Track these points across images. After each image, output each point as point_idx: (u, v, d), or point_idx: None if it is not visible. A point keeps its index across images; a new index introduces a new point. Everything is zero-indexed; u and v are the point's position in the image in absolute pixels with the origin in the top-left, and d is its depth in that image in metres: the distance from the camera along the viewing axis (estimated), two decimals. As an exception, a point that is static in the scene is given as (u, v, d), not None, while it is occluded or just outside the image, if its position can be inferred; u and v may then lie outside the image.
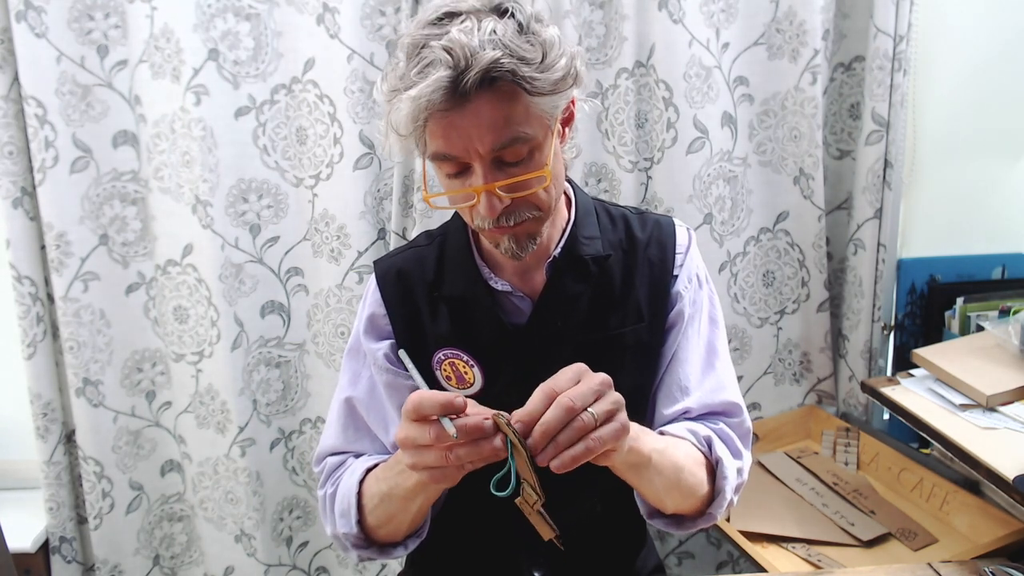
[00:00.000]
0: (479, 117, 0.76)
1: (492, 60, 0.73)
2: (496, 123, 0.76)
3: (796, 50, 1.48)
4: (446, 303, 0.93)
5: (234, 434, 1.55)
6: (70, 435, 1.56)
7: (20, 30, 1.37)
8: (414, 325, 0.95)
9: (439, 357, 0.93)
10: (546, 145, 0.81)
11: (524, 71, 0.75)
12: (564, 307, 0.91)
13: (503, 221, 0.82)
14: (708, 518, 0.92)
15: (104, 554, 1.60)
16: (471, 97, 0.75)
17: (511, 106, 0.76)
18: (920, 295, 1.61)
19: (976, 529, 1.25)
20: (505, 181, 0.79)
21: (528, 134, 0.78)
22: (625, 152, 1.49)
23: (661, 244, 0.95)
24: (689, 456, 0.87)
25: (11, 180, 1.42)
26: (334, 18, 1.41)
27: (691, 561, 1.70)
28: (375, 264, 0.99)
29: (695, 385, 0.94)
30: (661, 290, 0.94)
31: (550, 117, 0.80)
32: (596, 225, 0.94)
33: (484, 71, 0.73)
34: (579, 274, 0.92)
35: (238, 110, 1.45)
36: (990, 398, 1.27)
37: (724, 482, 0.89)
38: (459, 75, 0.73)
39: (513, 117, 0.77)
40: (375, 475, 0.89)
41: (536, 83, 0.76)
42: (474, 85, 0.74)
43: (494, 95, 0.75)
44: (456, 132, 0.77)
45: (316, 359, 1.59)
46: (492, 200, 0.79)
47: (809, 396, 1.67)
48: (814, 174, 1.53)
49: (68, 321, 1.49)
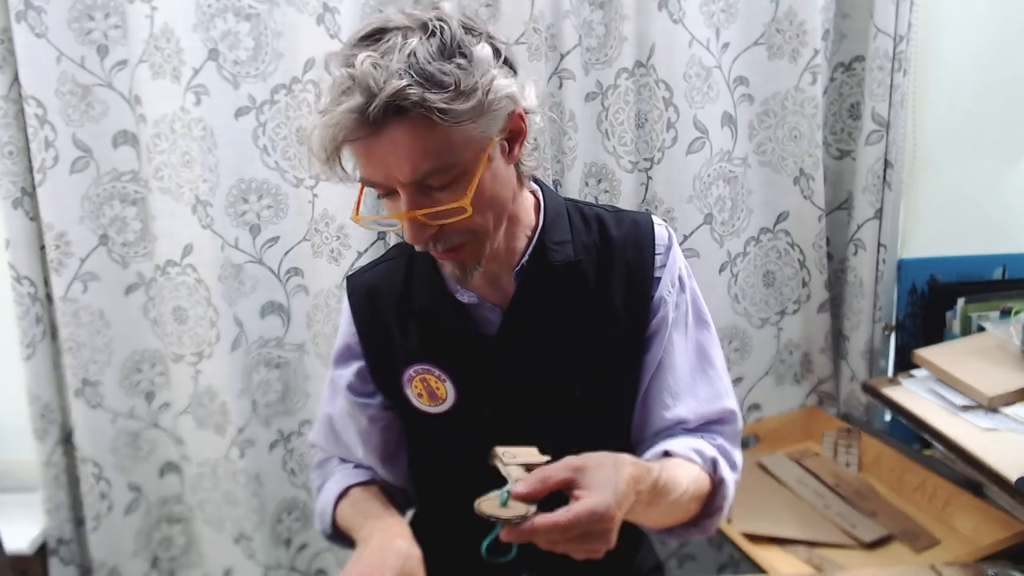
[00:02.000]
0: (395, 146, 0.73)
1: (396, 90, 0.70)
2: (412, 153, 0.73)
3: (796, 50, 1.48)
4: (415, 317, 0.92)
5: (233, 435, 1.55)
6: (68, 436, 1.56)
7: (20, 30, 1.37)
8: (385, 342, 0.94)
9: (409, 374, 0.92)
10: (476, 170, 0.76)
11: (433, 100, 0.70)
12: (535, 315, 0.89)
13: (435, 247, 0.80)
14: (701, 529, 0.90)
15: (102, 556, 1.59)
16: (384, 125, 0.72)
17: (427, 135, 0.72)
18: (921, 295, 1.61)
19: (978, 531, 1.25)
20: (427, 210, 0.76)
21: (449, 163, 0.74)
22: (625, 152, 1.49)
23: (639, 244, 0.91)
24: (691, 488, 0.85)
25: (11, 180, 1.42)
26: (334, 18, 1.42)
27: (692, 563, 1.69)
28: (347, 280, 0.98)
29: (686, 390, 0.92)
30: (640, 292, 0.91)
31: (480, 140, 0.76)
32: (568, 228, 0.90)
33: (389, 101, 0.70)
34: (549, 281, 0.88)
35: (238, 110, 1.45)
36: (992, 399, 1.27)
37: (724, 502, 0.89)
38: (367, 103, 0.70)
39: (430, 147, 0.73)
40: (346, 503, 0.96)
41: (448, 114, 0.71)
42: (380, 114, 0.71)
43: (408, 124, 0.72)
44: (375, 160, 0.74)
45: (316, 360, 1.58)
46: (415, 227, 0.77)
47: (810, 397, 1.66)
48: (814, 174, 1.53)
49: (67, 322, 1.48)
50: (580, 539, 0.68)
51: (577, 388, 0.90)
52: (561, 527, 0.67)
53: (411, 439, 1.00)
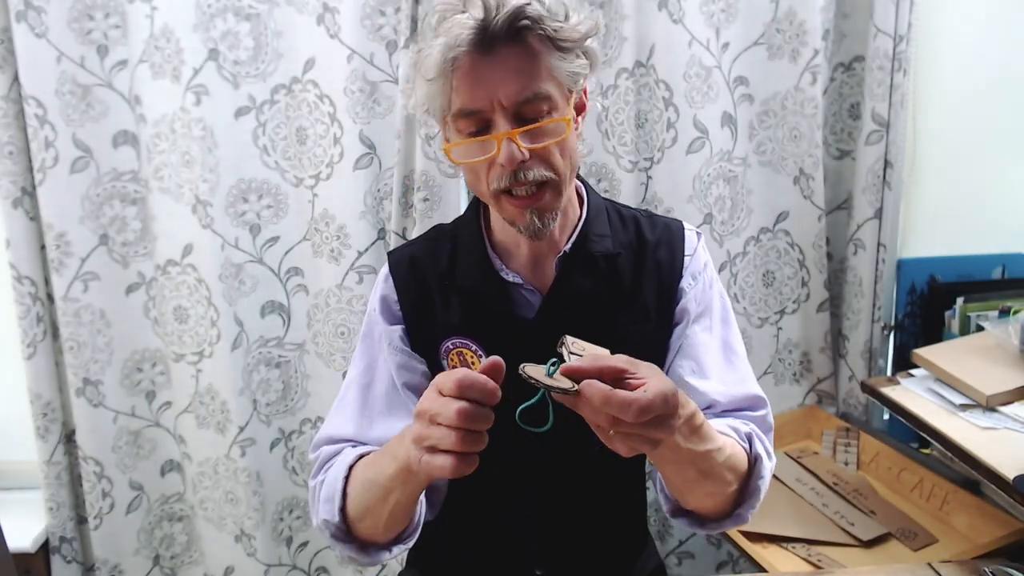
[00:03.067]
0: (504, 68, 0.79)
1: (519, 5, 0.78)
2: (520, 75, 0.79)
3: (796, 50, 1.48)
4: (458, 293, 0.94)
5: (234, 434, 1.55)
6: (70, 435, 1.56)
7: (20, 30, 1.37)
8: (425, 313, 0.95)
9: (447, 346, 0.93)
10: (568, 109, 0.83)
11: (549, 22, 0.79)
12: (573, 302, 0.91)
13: (520, 176, 0.82)
14: (737, 519, 0.88)
15: (104, 554, 1.60)
16: (497, 47, 0.78)
17: (535, 61, 0.80)
18: (920, 295, 1.61)
19: (976, 529, 1.25)
20: (529, 127, 0.81)
21: (550, 92, 0.81)
22: (625, 152, 1.49)
23: (671, 247, 0.96)
24: (727, 449, 0.82)
25: (11, 180, 1.43)
26: (334, 18, 1.41)
27: (691, 561, 1.70)
28: (389, 254, 1.00)
29: (714, 375, 0.92)
30: (669, 292, 0.95)
31: (570, 84, 0.83)
32: (607, 224, 0.95)
33: (512, 15, 0.77)
34: (589, 270, 0.92)
35: (238, 110, 1.45)
36: (990, 398, 1.27)
37: (760, 482, 0.86)
38: (488, 17, 0.77)
39: (536, 72, 0.80)
40: (365, 461, 0.86)
41: (560, 34, 0.80)
42: (502, 29, 0.78)
43: (520, 48, 0.79)
44: (481, 83, 0.79)
45: (316, 359, 1.59)
46: (512, 148, 0.80)
47: (809, 396, 1.67)
48: (814, 174, 1.53)
49: (68, 321, 1.49)
50: (649, 424, 0.65)
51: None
52: (640, 405, 0.64)
53: None
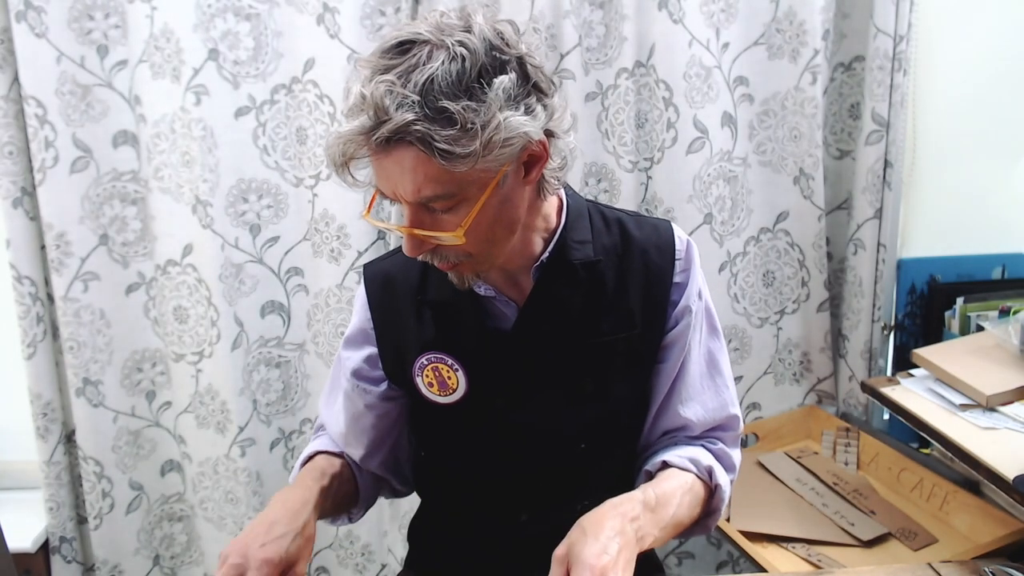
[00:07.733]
0: (401, 167, 0.74)
1: (403, 123, 0.70)
2: (415, 177, 0.74)
3: (796, 50, 1.48)
4: (431, 308, 0.92)
5: (234, 434, 1.55)
6: (70, 435, 1.56)
7: (20, 30, 1.37)
8: (399, 330, 0.94)
9: (421, 362, 0.92)
10: (479, 200, 0.77)
11: (436, 139, 0.71)
12: (551, 312, 0.89)
13: (432, 260, 0.82)
14: (702, 528, 0.94)
15: (104, 554, 1.60)
16: (391, 148, 0.73)
17: (430, 165, 0.72)
18: (920, 295, 1.61)
19: (976, 529, 1.25)
20: (424, 232, 0.78)
21: (451, 192, 0.75)
22: (625, 152, 1.49)
23: (659, 249, 0.92)
24: (686, 497, 0.88)
25: (11, 180, 1.42)
26: (334, 18, 1.41)
27: (691, 561, 1.70)
28: (364, 268, 0.99)
29: (695, 395, 0.94)
30: (657, 297, 0.92)
31: (486, 173, 0.75)
32: (588, 229, 0.91)
33: (393, 130, 0.71)
34: (568, 279, 0.89)
35: (238, 110, 1.45)
36: (990, 398, 1.27)
37: (720, 503, 0.93)
38: (374, 128, 0.72)
39: (432, 176, 0.73)
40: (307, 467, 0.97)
41: (449, 155, 0.71)
42: (384, 141, 0.72)
43: (414, 151, 0.72)
44: (383, 174, 0.76)
45: (316, 359, 1.59)
46: (413, 241, 0.79)
47: (809, 396, 1.67)
48: (814, 174, 1.53)
49: (68, 321, 1.49)
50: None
51: (589, 385, 0.91)
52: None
53: (418, 431, 1.00)
